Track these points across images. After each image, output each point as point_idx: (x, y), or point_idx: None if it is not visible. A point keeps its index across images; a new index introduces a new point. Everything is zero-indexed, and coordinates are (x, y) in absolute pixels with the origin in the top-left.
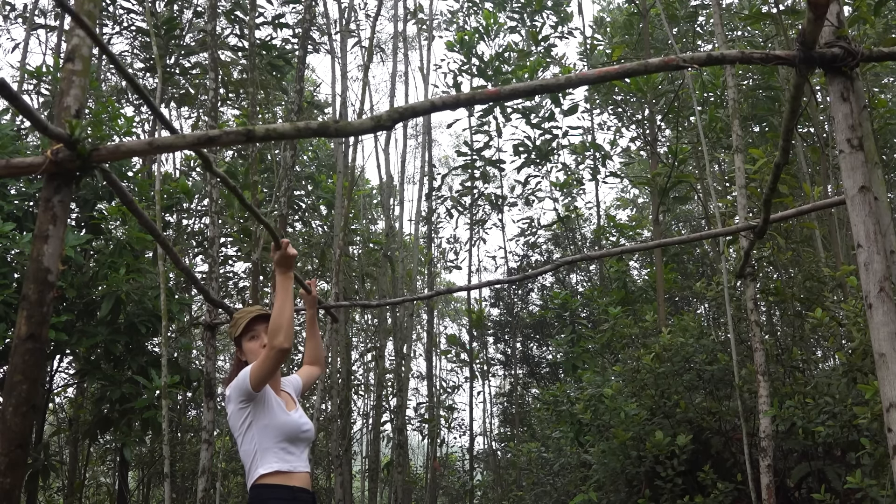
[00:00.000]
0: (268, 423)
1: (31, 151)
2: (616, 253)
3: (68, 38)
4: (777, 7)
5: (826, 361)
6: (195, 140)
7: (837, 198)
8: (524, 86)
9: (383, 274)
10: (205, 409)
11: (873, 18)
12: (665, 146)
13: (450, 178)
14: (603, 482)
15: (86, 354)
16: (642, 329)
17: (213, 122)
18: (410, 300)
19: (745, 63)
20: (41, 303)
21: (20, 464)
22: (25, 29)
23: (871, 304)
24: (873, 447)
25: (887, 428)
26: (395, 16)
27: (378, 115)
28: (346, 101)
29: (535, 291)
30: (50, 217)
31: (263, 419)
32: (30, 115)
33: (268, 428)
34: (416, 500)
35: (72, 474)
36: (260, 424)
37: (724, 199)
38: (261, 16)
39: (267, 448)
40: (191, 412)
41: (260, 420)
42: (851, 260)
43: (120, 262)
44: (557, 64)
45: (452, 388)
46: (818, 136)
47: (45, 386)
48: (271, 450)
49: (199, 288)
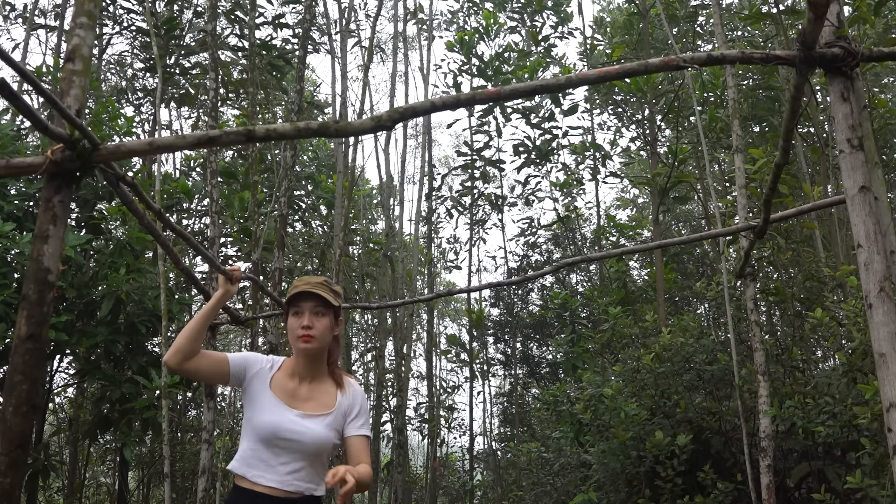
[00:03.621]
0: (249, 416)
1: (31, 151)
2: (616, 254)
3: (68, 38)
4: (777, 7)
5: (826, 361)
6: (195, 140)
7: (837, 197)
8: (524, 86)
9: (383, 274)
10: (205, 409)
11: (873, 18)
12: (665, 146)
13: (450, 178)
14: (603, 482)
15: (86, 354)
16: (642, 329)
17: (213, 122)
18: (411, 303)
19: (745, 63)
20: (41, 303)
21: (20, 464)
22: (25, 29)
23: (871, 304)
24: (873, 447)
25: (887, 428)
26: (395, 16)
27: (378, 115)
28: (346, 101)
29: (535, 291)
30: (50, 217)
31: (247, 412)
32: (30, 115)
33: (248, 422)
34: (416, 500)
35: (72, 474)
36: (246, 416)
37: (724, 199)
38: (261, 16)
39: (242, 444)
40: (191, 412)
41: (246, 412)
42: (851, 260)
43: (120, 262)
44: (557, 64)
45: (452, 388)
46: (818, 136)
47: (45, 386)
48: (243, 447)
49: (199, 288)
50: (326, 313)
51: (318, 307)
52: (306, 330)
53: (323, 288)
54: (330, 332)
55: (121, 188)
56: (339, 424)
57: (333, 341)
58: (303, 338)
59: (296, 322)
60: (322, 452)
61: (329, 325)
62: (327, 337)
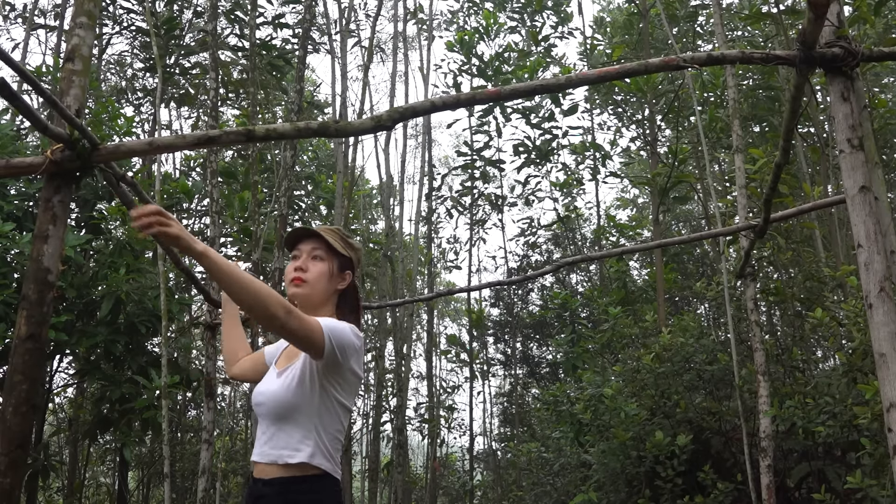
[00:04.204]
0: None
1: (31, 151)
2: (616, 253)
3: (68, 38)
4: (777, 7)
5: (826, 361)
6: (195, 140)
7: (837, 197)
8: (524, 86)
9: (383, 274)
10: (205, 409)
11: (873, 18)
12: (665, 146)
13: (450, 178)
14: (603, 482)
15: (86, 354)
16: (642, 329)
17: (213, 122)
18: (410, 302)
19: (745, 63)
20: (41, 303)
21: (20, 464)
22: (25, 29)
23: (871, 304)
24: (873, 447)
25: (887, 428)
26: (395, 16)
27: (378, 115)
28: (346, 101)
29: (535, 291)
30: (50, 217)
31: None
32: (30, 115)
33: None
34: (416, 500)
35: (72, 474)
36: None
37: (724, 199)
38: (261, 16)
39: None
40: (191, 412)
41: None
42: (851, 260)
43: (120, 262)
44: (557, 64)
45: (452, 388)
46: (818, 136)
47: (45, 386)
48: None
49: (199, 288)
50: (327, 259)
51: (318, 250)
52: (298, 272)
53: (329, 232)
54: (327, 280)
55: (121, 188)
56: (306, 369)
57: (342, 298)
58: (294, 280)
59: (291, 266)
60: (287, 412)
61: (326, 271)
62: (322, 284)
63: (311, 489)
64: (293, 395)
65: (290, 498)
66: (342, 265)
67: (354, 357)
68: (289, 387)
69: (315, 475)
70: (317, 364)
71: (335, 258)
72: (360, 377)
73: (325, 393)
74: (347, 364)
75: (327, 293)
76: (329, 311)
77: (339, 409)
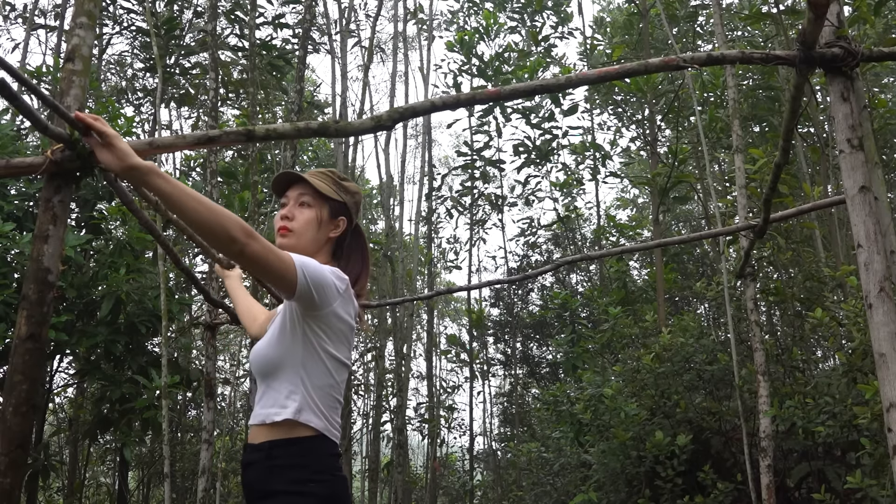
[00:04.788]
0: None
1: (31, 151)
2: (616, 253)
3: (68, 38)
4: (777, 7)
5: (826, 361)
6: (195, 140)
7: (837, 197)
8: (524, 86)
9: (383, 274)
10: (205, 409)
11: (873, 18)
12: (665, 146)
13: (450, 178)
14: (603, 482)
15: (86, 354)
16: (642, 329)
17: (213, 122)
18: (410, 300)
19: (745, 63)
20: (41, 303)
21: (20, 464)
22: (25, 29)
23: (871, 304)
24: (873, 447)
25: (887, 428)
26: (395, 16)
27: (378, 115)
28: (346, 101)
29: (535, 291)
30: (50, 217)
31: None
32: (30, 115)
33: None
34: (416, 500)
35: (72, 474)
36: None
37: (724, 199)
38: (261, 16)
39: None
40: (191, 412)
41: None
42: (851, 260)
43: (120, 262)
44: (557, 64)
45: (452, 388)
46: (818, 136)
47: (45, 386)
48: None
49: (199, 288)
50: (315, 205)
51: (305, 196)
52: (284, 221)
53: (318, 175)
54: (315, 228)
55: (121, 188)
56: (286, 317)
57: (340, 248)
58: (279, 230)
59: (278, 214)
60: (272, 366)
61: (314, 218)
62: (310, 232)
63: (296, 452)
64: (276, 347)
65: (276, 464)
66: (335, 210)
67: (339, 301)
68: (271, 339)
69: (303, 437)
70: (296, 308)
71: (325, 203)
72: (352, 326)
73: (307, 341)
74: (329, 307)
75: (318, 242)
76: (323, 261)
77: (328, 360)
